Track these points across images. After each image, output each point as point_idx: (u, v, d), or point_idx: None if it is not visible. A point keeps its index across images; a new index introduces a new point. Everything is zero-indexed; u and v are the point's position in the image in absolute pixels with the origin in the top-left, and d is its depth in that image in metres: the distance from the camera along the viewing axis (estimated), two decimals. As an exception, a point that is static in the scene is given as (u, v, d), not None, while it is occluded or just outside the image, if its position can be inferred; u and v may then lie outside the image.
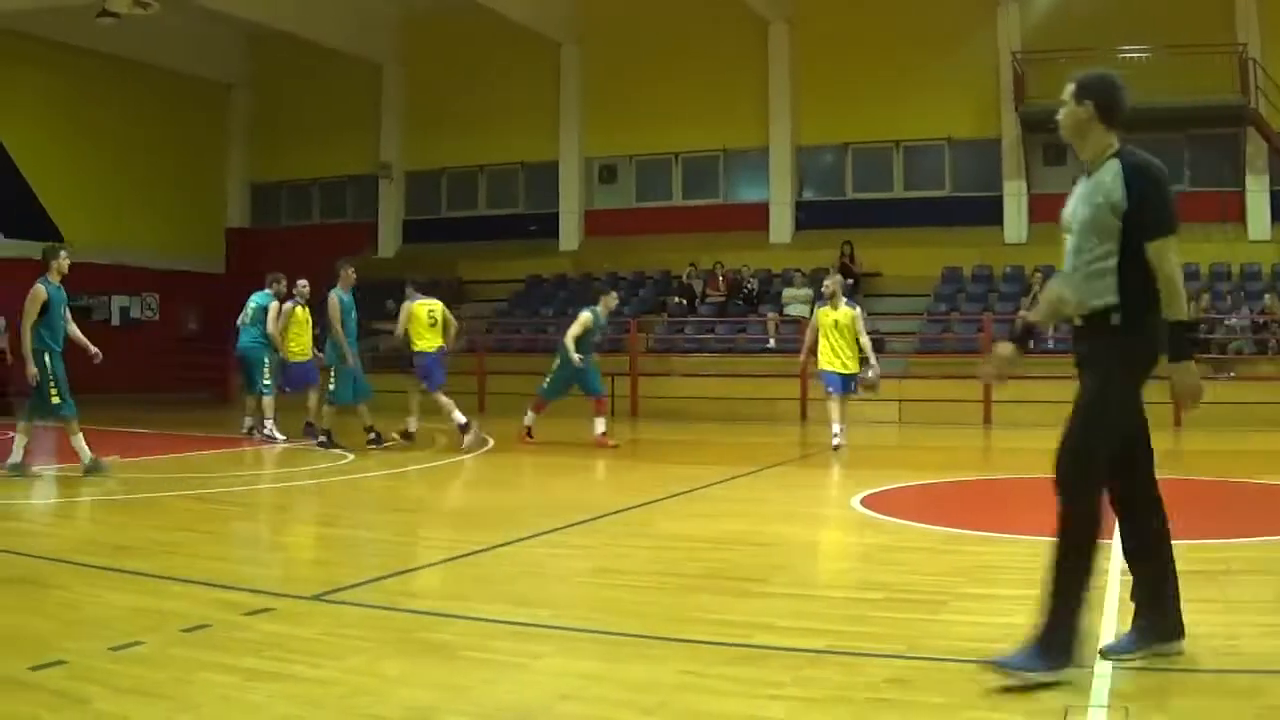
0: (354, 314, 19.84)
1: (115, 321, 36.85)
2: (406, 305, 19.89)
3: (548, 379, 20.45)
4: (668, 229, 34.52)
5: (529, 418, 20.26)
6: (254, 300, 21.06)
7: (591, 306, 19.93)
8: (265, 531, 12.12)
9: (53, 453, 17.01)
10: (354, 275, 19.88)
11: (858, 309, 17.89)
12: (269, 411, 20.77)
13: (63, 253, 15.04)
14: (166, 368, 34.46)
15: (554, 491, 14.35)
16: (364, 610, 7.54)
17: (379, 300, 35.77)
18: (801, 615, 7.29)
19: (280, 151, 41.23)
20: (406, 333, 19.82)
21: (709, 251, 32.76)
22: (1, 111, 33.18)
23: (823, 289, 18.60)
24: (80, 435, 14.55)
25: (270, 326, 20.52)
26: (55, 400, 14.52)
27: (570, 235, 36.59)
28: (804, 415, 26.93)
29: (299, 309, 21.00)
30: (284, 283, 20.98)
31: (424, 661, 6.28)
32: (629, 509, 12.36)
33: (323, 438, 19.18)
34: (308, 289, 21.23)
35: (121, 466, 16.08)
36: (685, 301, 31.79)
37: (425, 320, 19.71)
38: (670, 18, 33.86)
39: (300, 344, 21.17)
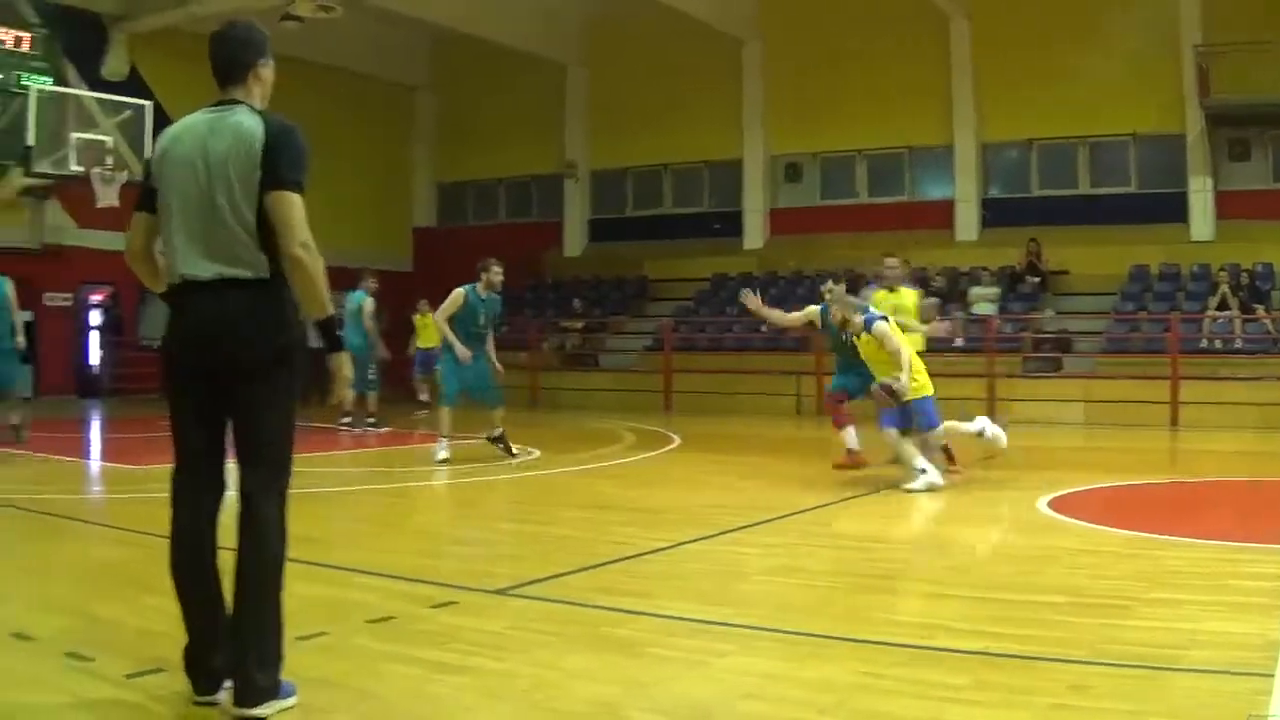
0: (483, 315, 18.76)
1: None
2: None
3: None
4: (852, 227, 34.29)
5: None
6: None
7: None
8: (452, 526, 12.30)
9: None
10: (498, 279, 18.88)
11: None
12: (373, 406, 22.25)
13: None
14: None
15: (740, 490, 14.36)
16: (548, 605, 7.65)
17: (567, 299, 36.15)
18: (982, 618, 7.26)
19: (466, 152, 41.65)
20: None
21: (894, 250, 32.53)
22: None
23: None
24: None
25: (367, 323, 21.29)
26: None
27: (755, 233, 36.54)
28: (991, 415, 26.68)
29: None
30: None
31: (607, 657, 6.34)
32: (813, 509, 12.37)
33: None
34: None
35: (312, 460, 16.42)
36: (871, 300, 31.68)
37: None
38: (851, 12, 33.51)
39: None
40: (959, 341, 28.81)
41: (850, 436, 15.93)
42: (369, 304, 22.12)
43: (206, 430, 5.62)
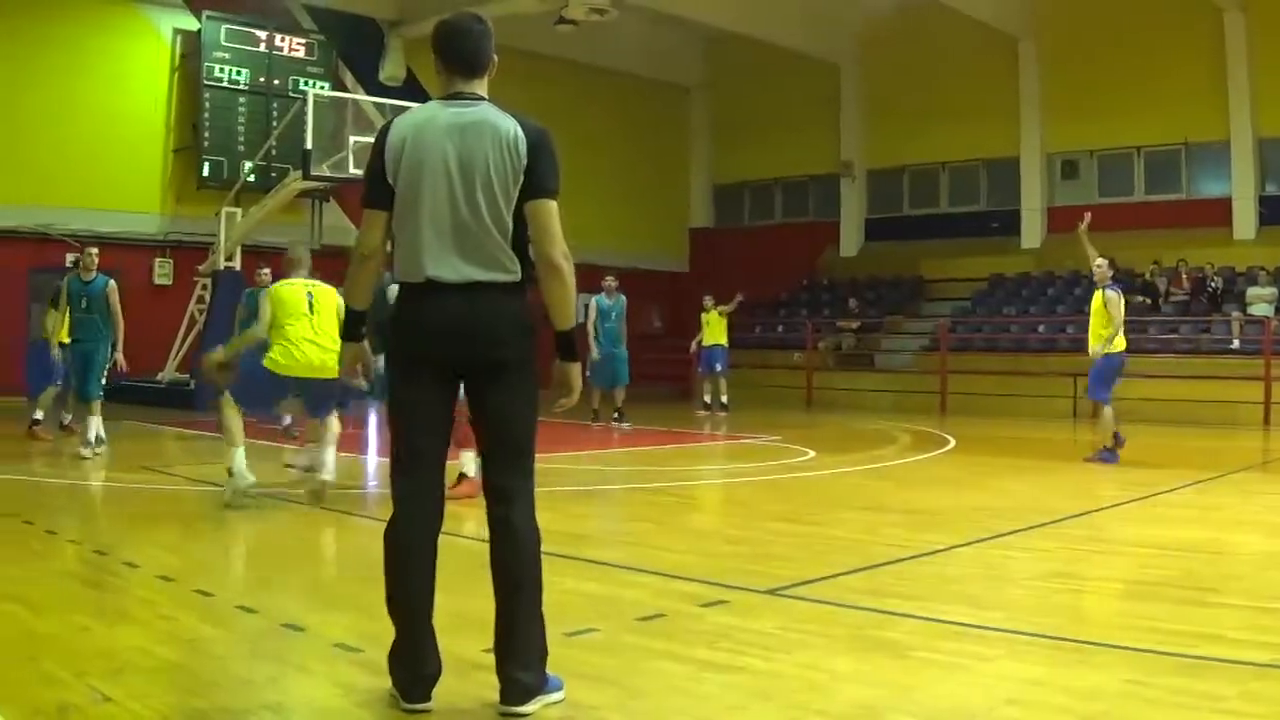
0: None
1: (579, 318, 38.00)
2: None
3: None
4: (1129, 225, 33.65)
5: None
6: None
7: None
8: (722, 525, 12.41)
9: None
10: (612, 285, 23.43)
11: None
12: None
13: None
14: (629, 364, 34.92)
15: (1013, 494, 14.27)
16: (818, 606, 7.73)
17: (842, 299, 36.17)
18: (1253, 627, 7.15)
19: (741, 152, 41.84)
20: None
21: (1171, 248, 31.83)
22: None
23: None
24: None
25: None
26: None
27: (1032, 232, 36.08)
28: (1267, 420, 26.08)
29: None
30: None
31: (873, 659, 6.40)
32: (1086, 513, 12.29)
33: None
34: None
35: (581, 459, 16.73)
36: (1149, 300, 31.08)
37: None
38: (1125, 6, 32.88)
39: None
40: (1235, 344, 28.22)
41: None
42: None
43: (434, 431, 5.64)
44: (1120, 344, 17.39)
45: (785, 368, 33.61)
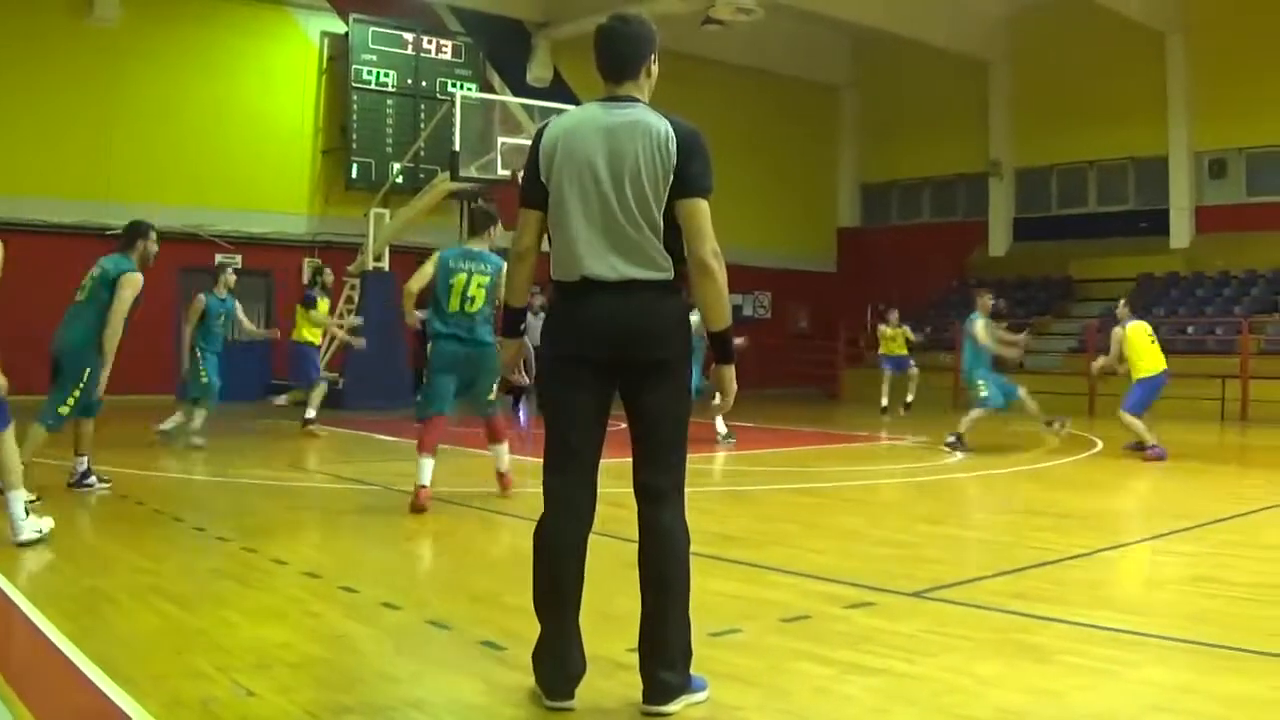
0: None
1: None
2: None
3: None
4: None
5: None
6: None
7: None
8: (869, 527, 12.35)
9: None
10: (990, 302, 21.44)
11: None
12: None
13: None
14: (777, 364, 35.08)
15: (1160, 496, 14.17)
16: (963, 609, 7.69)
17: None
18: (1407, 634, 7.02)
19: (889, 151, 41.63)
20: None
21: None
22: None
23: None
24: None
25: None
26: None
27: (1181, 232, 35.53)
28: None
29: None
30: None
31: (1018, 663, 6.37)
32: (1235, 517, 12.14)
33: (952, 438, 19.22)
34: None
35: (729, 460, 16.75)
36: (1300, 304, 30.62)
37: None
38: (1274, 2, 32.37)
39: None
40: None
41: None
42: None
43: (591, 430, 5.65)
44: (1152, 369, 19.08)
45: (936, 369, 33.43)
